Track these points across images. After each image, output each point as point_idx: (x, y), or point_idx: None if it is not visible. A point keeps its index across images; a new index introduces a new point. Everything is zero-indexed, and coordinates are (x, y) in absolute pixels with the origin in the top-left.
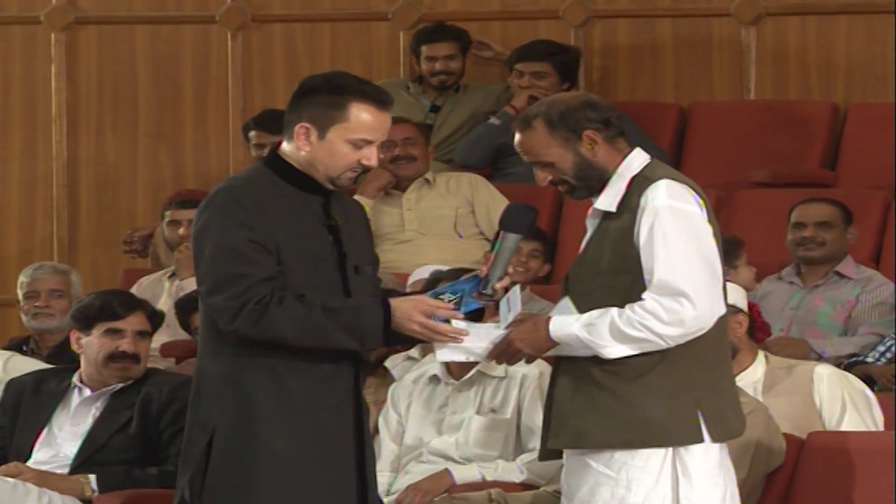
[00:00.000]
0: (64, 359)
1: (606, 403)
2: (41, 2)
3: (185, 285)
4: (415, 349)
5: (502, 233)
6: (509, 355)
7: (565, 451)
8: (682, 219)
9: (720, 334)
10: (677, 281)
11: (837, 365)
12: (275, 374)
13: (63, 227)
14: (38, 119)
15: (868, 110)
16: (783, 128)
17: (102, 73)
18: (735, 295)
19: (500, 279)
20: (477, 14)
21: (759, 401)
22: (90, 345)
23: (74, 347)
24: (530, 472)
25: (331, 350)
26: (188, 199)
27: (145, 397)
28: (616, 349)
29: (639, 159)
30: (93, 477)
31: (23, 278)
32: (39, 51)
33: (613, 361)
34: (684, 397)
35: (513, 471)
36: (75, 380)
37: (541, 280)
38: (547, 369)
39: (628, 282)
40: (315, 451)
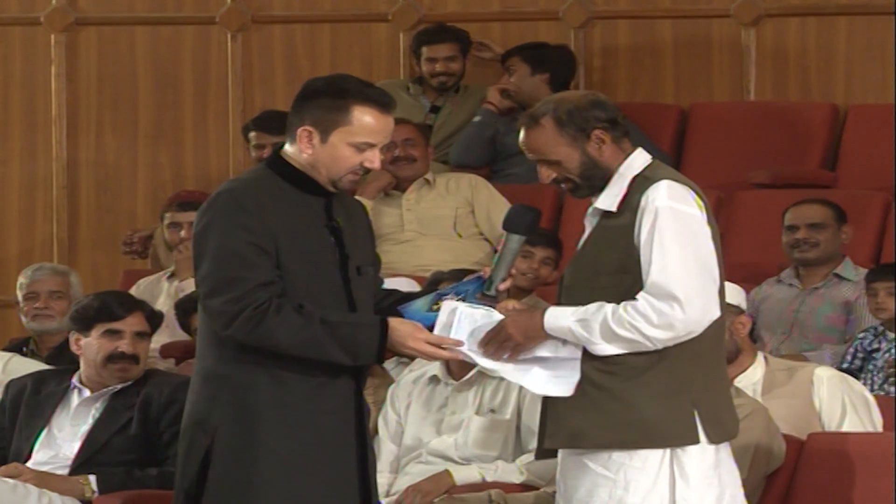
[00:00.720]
0: (64, 360)
1: (604, 403)
2: (41, 2)
3: (185, 286)
4: None
5: (506, 234)
6: (500, 341)
7: (561, 450)
8: (680, 221)
9: (718, 336)
10: (670, 284)
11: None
12: (276, 376)
13: (63, 228)
14: (38, 120)
15: (868, 111)
16: (783, 129)
17: (102, 74)
18: (738, 296)
19: (503, 280)
20: (477, 15)
21: (759, 402)
22: (89, 346)
23: (73, 349)
24: (530, 474)
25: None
26: (188, 200)
27: (145, 398)
28: (605, 347)
29: (640, 159)
30: (93, 478)
31: (22, 279)
32: (39, 52)
33: (611, 361)
34: (682, 398)
35: (512, 472)
36: (75, 381)
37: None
38: None
39: (628, 283)
40: (316, 454)
